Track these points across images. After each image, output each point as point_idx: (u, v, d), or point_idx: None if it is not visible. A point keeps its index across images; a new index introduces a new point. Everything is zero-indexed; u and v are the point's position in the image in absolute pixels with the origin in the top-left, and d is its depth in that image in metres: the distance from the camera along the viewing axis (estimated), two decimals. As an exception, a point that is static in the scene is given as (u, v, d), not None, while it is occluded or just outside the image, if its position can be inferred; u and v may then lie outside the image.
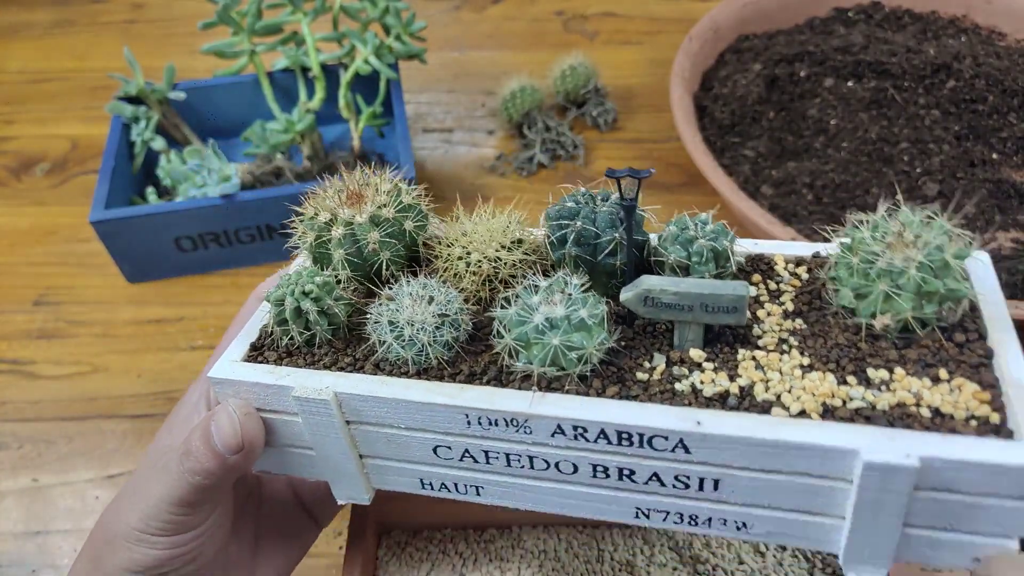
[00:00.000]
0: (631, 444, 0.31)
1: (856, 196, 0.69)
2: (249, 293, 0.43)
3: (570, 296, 0.32)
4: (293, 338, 0.35)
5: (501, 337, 0.32)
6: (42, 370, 0.64)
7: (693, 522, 0.33)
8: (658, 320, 0.34)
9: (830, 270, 0.35)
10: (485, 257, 0.36)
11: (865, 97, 0.74)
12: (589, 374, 0.32)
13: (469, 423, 0.32)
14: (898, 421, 0.29)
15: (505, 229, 0.37)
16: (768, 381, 0.32)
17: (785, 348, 0.33)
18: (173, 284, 0.69)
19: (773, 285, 0.37)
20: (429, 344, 0.33)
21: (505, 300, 0.33)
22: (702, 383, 0.32)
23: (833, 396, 0.31)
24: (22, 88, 0.91)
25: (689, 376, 0.32)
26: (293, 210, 0.39)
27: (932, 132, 0.71)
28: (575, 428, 0.31)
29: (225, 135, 0.77)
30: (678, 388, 0.32)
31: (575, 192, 0.36)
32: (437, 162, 0.80)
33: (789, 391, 0.31)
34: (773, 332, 0.34)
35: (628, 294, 0.33)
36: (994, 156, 0.71)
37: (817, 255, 0.38)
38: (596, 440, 0.31)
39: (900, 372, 0.31)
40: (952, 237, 0.33)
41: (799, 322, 0.34)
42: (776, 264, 0.38)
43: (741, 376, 0.32)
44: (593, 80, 0.83)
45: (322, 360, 0.35)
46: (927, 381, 0.31)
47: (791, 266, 0.38)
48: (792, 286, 0.36)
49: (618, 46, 0.94)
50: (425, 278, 0.35)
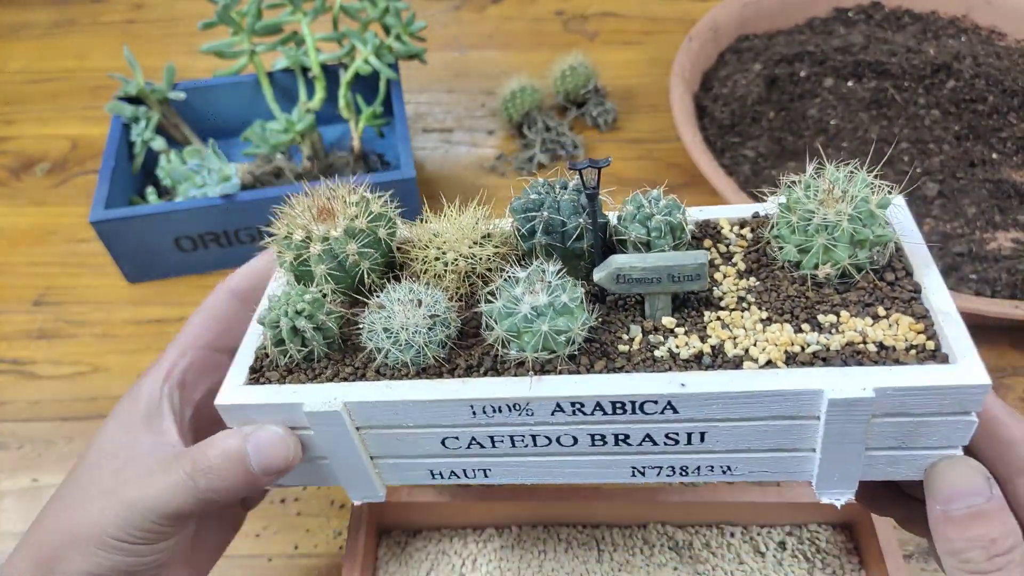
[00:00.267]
0: (625, 412, 0.34)
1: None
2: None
3: (549, 283, 0.34)
4: (292, 356, 0.36)
5: (491, 329, 0.34)
6: (42, 370, 0.64)
7: (684, 472, 0.36)
8: (629, 294, 0.36)
9: (772, 229, 0.38)
10: (460, 255, 0.37)
11: (865, 97, 0.74)
12: (576, 353, 0.35)
13: (475, 413, 0.34)
14: (851, 359, 0.33)
15: (474, 226, 0.38)
16: (735, 338, 0.35)
17: (744, 305, 0.36)
18: (173, 284, 0.69)
19: (723, 248, 0.40)
20: (425, 345, 0.35)
21: (490, 294, 0.35)
22: (677, 347, 0.35)
23: (792, 344, 0.34)
24: (22, 88, 0.91)
25: (665, 342, 0.35)
26: (265, 232, 0.39)
27: (932, 132, 0.72)
28: (573, 405, 0.34)
29: (225, 135, 0.77)
30: (657, 355, 0.35)
31: (534, 183, 0.38)
32: (437, 162, 0.80)
33: (755, 344, 0.34)
34: (732, 292, 0.37)
35: (601, 274, 0.35)
36: (994, 156, 0.71)
37: (756, 215, 0.41)
38: (592, 412, 0.34)
39: (845, 314, 0.35)
40: (874, 189, 0.36)
41: (752, 280, 0.38)
42: (722, 228, 0.41)
43: (711, 336, 0.35)
44: (593, 80, 0.83)
45: (324, 373, 0.36)
46: (869, 320, 0.35)
47: (736, 228, 0.41)
48: (740, 247, 0.39)
49: (618, 46, 0.94)
50: (409, 282, 0.36)
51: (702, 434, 0.34)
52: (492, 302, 0.35)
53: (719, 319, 0.36)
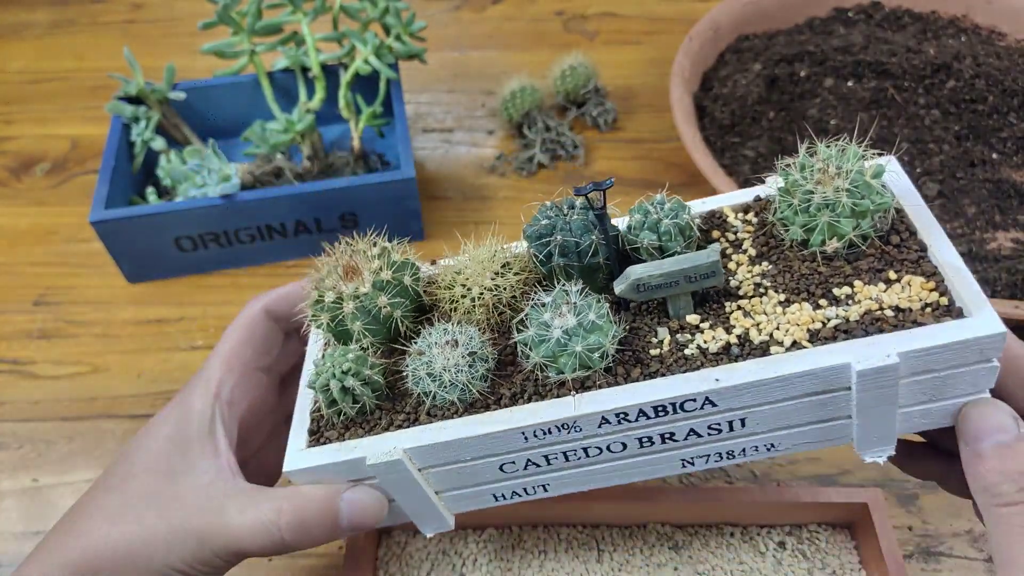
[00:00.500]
0: (667, 413, 0.35)
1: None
2: (248, 294, 0.43)
3: (575, 304, 0.36)
4: (345, 413, 0.38)
5: (527, 357, 0.36)
6: (42, 370, 0.64)
7: (731, 456, 0.38)
8: (649, 299, 0.38)
9: (776, 212, 0.39)
10: (485, 288, 0.39)
11: (865, 97, 0.74)
12: (612, 364, 0.36)
13: (526, 439, 0.36)
14: (871, 327, 0.34)
15: (492, 257, 0.40)
16: (758, 324, 0.36)
17: (762, 291, 0.37)
18: (173, 284, 0.69)
19: (732, 236, 0.41)
20: (469, 383, 0.37)
21: (520, 324, 0.37)
22: (705, 343, 0.36)
23: (813, 321, 0.35)
24: (22, 88, 0.91)
25: (693, 339, 0.36)
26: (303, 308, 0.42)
27: (932, 132, 0.72)
28: (617, 416, 0.35)
29: (225, 135, 0.77)
30: (687, 353, 0.36)
31: (543, 208, 0.39)
32: (437, 162, 0.80)
33: (778, 328, 0.36)
34: (747, 280, 0.38)
35: (622, 286, 0.37)
36: (994, 156, 0.71)
37: (758, 199, 0.42)
38: (637, 419, 0.35)
39: (859, 284, 0.36)
40: (866, 159, 0.37)
41: (765, 264, 0.39)
42: (727, 216, 0.42)
43: (735, 327, 0.36)
44: (593, 80, 0.83)
45: (379, 424, 0.38)
46: (882, 285, 0.36)
47: (740, 215, 0.42)
48: (747, 232, 0.40)
49: (618, 46, 0.94)
50: (442, 324, 0.38)
51: (742, 420, 0.36)
52: (524, 331, 0.36)
53: (740, 308, 0.37)
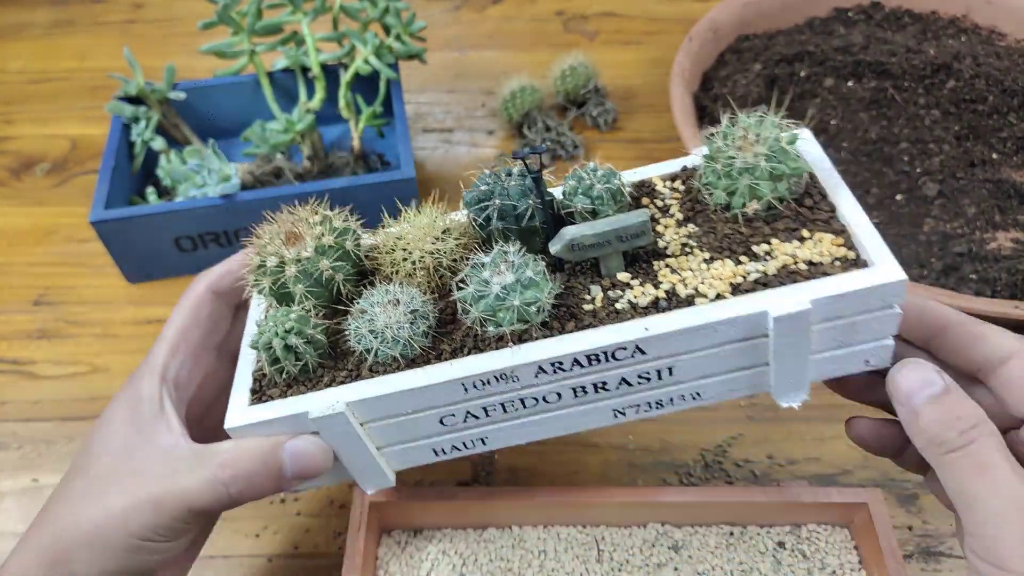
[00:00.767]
0: (600, 362, 0.37)
1: (856, 196, 0.69)
2: None
3: (513, 263, 0.37)
4: (288, 372, 0.39)
5: (467, 313, 0.38)
6: (42, 370, 0.64)
7: (659, 406, 0.40)
8: (584, 259, 0.40)
9: (701, 178, 0.42)
10: (426, 252, 0.41)
11: (865, 97, 0.74)
12: (548, 319, 0.38)
13: (466, 389, 0.38)
14: (787, 279, 0.37)
15: (432, 223, 0.41)
16: (684, 280, 0.39)
17: (688, 250, 0.40)
18: (173, 284, 0.69)
19: (660, 203, 0.43)
20: (410, 339, 0.38)
21: (460, 282, 0.38)
22: (635, 298, 0.38)
23: (735, 276, 0.38)
24: (22, 88, 0.91)
25: (624, 295, 0.39)
26: (247, 241, 0.43)
27: (932, 132, 0.71)
28: (553, 365, 0.37)
29: (225, 135, 0.77)
30: (619, 307, 0.38)
31: (481, 176, 0.41)
32: (437, 162, 0.80)
33: (702, 283, 0.38)
34: (675, 240, 0.41)
35: (557, 246, 0.39)
36: (994, 156, 0.71)
37: (685, 168, 0.45)
38: (572, 368, 0.37)
39: (776, 242, 0.39)
40: (783, 128, 0.40)
41: (691, 227, 0.41)
42: (656, 185, 0.44)
43: (663, 282, 0.39)
44: (593, 80, 0.83)
45: (322, 381, 0.39)
46: (796, 243, 0.39)
47: (668, 183, 0.44)
48: (675, 199, 0.43)
49: (618, 46, 0.94)
50: (383, 285, 0.40)
51: (670, 369, 0.38)
52: (464, 288, 0.38)
53: (668, 266, 0.40)
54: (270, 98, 0.73)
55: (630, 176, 0.44)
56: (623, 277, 0.40)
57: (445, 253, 0.41)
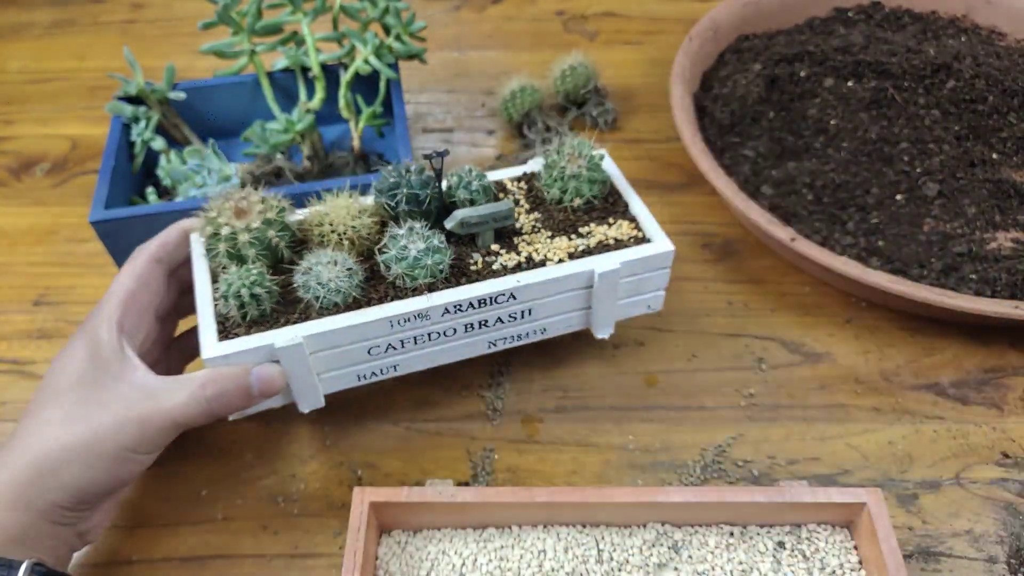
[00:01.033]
0: (486, 305, 0.52)
1: (856, 196, 0.69)
2: None
3: (422, 235, 0.50)
4: (250, 315, 0.49)
5: (389, 270, 0.51)
6: (42, 370, 0.64)
7: (520, 338, 0.56)
8: (468, 233, 0.54)
9: (541, 180, 0.58)
10: (349, 226, 0.52)
11: (865, 97, 0.74)
12: (448, 275, 0.52)
13: (392, 326, 0.50)
14: (603, 249, 0.54)
15: (349, 205, 0.53)
16: (536, 250, 0.54)
17: (536, 230, 0.56)
18: (173, 284, 0.69)
19: (512, 197, 0.59)
20: (349, 289, 0.50)
21: (380, 248, 0.51)
22: (504, 262, 0.54)
23: (570, 247, 0.55)
24: (22, 88, 0.91)
25: (496, 260, 0.54)
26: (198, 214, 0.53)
27: (932, 132, 0.71)
28: (455, 306, 0.51)
29: (225, 135, 0.77)
30: (495, 267, 0.53)
31: (386, 170, 0.53)
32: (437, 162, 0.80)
33: (549, 252, 0.54)
34: (527, 223, 0.57)
35: (451, 223, 0.53)
36: (994, 156, 0.71)
37: (525, 173, 0.61)
38: (467, 309, 0.52)
39: (593, 226, 0.56)
40: (594, 149, 0.58)
41: (536, 214, 0.57)
42: (507, 185, 0.60)
43: (522, 251, 0.54)
44: (593, 80, 0.83)
45: (278, 322, 0.49)
46: (606, 226, 0.56)
47: (516, 183, 0.60)
48: (521, 195, 0.59)
49: (618, 46, 0.94)
50: (320, 250, 0.51)
51: (530, 310, 0.54)
52: (386, 252, 0.51)
53: (524, 240, 0.55)
54: (270, 98, 0.73)
55: (491, 175, 0.58)
56: (495, 248, 0.55)
57: (363, 228, 0.52)
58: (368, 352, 0.51)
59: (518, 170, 0.61)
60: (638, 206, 0.57)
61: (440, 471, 0.56)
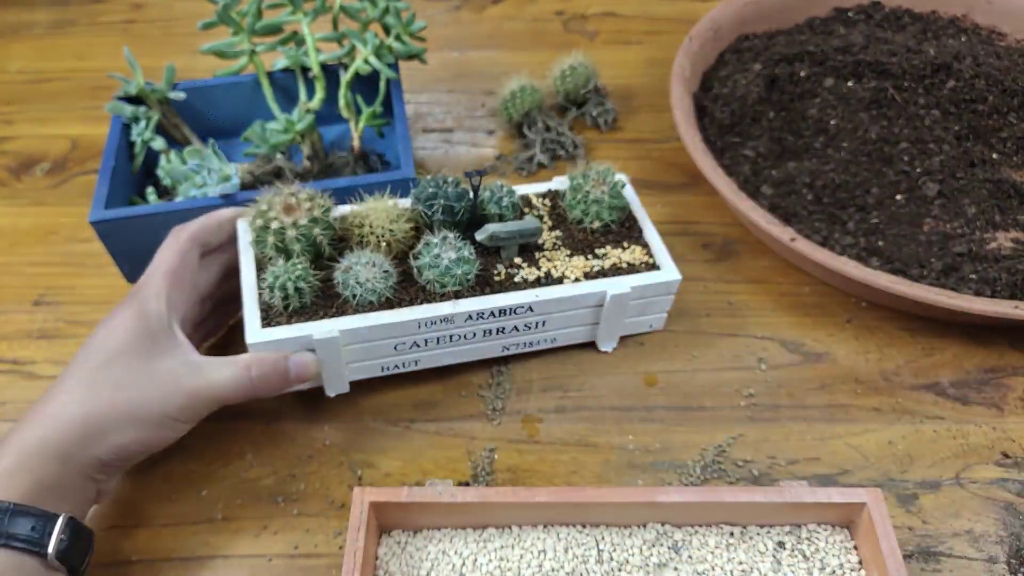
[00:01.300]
0: (505, 314, 0.56)
1: (856, 196, 0.69)
2: None
3: (454, 244, 0.54)
4: (292, 306, 0.53)
5: (421, 275, 0.55)
6: (42, 370, 0.64)
7: (531, 345, 0.61)
8: (494, 246, 0.58)
9: (565, 200, 0.62)
10: (387, 230, 0.56)
11: (865, 97, 0.74)
12: (474, 284, 0.56)
13: (419, 327, 0.55)
14: (616, 272, 0.58)
15: (388, 209, 0.56)
16: (555, 267, 0.58)
17: (557, 247, 0.60)
18: (173, 284, 0.69)
19: (536, 213, 0.63)
20: (383, 289, 0.54)
21: (415, 254, 0.55)
22: (526, 275, 0.58)
23: (586, 267, 0.58)
24: (22, 88, 0.91)
25: (519, 273, 0.58)
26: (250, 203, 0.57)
27: (932, 132, 0.71)
28: (478, 314, 0.55)
29: (225, 135, 0.77)
30: (516, 280, 0.57)
31: (426, 180, 0.57)
32: (437, 162, 0.80)
33: (567, 269, 0.58)
34: (548, 240, 0.60)
35: (482, 236, 0.57)
36: (994, 156, 0.71)
37: (550, 190, 0.65)
38: (488, 317, 0.56)
39: (609, 248, 0.60)
40: (616, 175, 0.61)
41: (558, 232, 0.61)
42: (533, 200, 0.64)
43: (542, 267, 0.58)
44: (593, 80, 0.83)
45: (318, 314, 0.54)
46: (621, 250, 0.60)
47: (541, 200, 0.64)
48: (545, 212, 0.63)
49: (618, 46, 0.94)
50: (359, 250, 0.55)
51: (544, 321, 0.58)
52: (420, 259, 0.55)
53: (545, 256, 0.59)
54: (270, 98, 0.73)
55: (516, 191, 0.62)
56: (518, 261, 0.59)
57: (401, 231, 0.57)
58: (394, 348, 0.56)
59: (543, 186, 0.65)
60: (651, 233, 0.61)
61: (440, 471, 0.56)
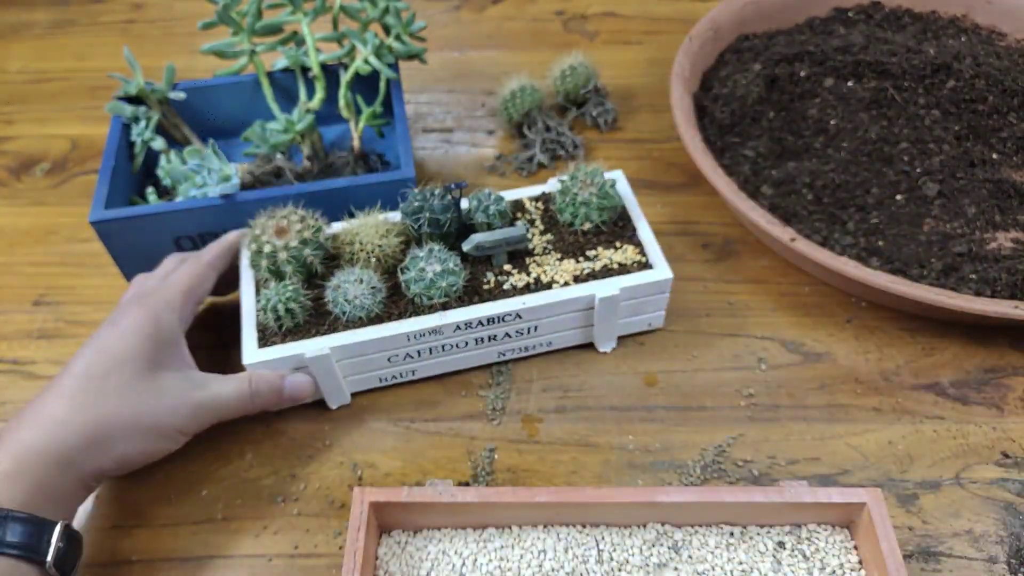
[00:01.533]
0: (494, 323, 0.57)
1: (856, 196, 0.69)
2: None
3: (440, 257, 0.55)
4: (286, 326, 0.56)
5: (408, 289, 0.56)
6: (42, 370, 0.64)
7: (525, 350, 0.61)
8: (483, 255, 0.59)
9: (556, 203, 0.62)
10: (376, 245, 0.58)
11: (865, 97, 0.74)
12: (462, 295, 0.57)
13: (409, 339, 0.56)
14: (606, 274, 0.58)
15: (378, 225, 0.58)
16: (545, 271, 0.59)
17: (547, 251, 0.60)
18: (173, 284, 0.69)
19: (529, 217, 0.63)
20: (372, 306, 0.55)
21: (403, 268, 0.56)
22: (515, 282, 0.58)
23: (576, 270, 0.59)
24: (22, 88, 0.91)
25: (508, 280, 0.58)
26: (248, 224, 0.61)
27: (932, 132, 0.71)
28: (466, 324, 0.56)
29: (225, 135, 0.77)
30: (505, 287, 0.58)
31: (413, 193, 0.58)
32: (437, 162, 0.80)
33: (557, 273, 0.58)
34: (539, 244, 0.61)
35: (468, 246, 0.58)
36: (994, 156, 0.71)
37: (544, 193, 0.65)
38: (476, 326, 0.57)
39: (600, 250, 0.60)
40: (605, 175, 0.61)
41: (549, 235, 0.61)
42: (525, 204, 0.64)
43: (532, 272, 0.59)
44: (593, 80, 0.83)
45: (309, 333, 0.56)
46: (612, 251, 0.60)
47: (534, 203, 0.64)
48: (538, 215, 0.63)
49: (618, 46, 0.94)
50: (349, 268, 0.57)
51: (536, 327, 0.58)
52: (407, 273, 0.56)
53: (534, 261, 0.60)
54: (270, 98, 0.73)
55: (509, 195, 0.63)
56: (507, 268, 0.59)
57: (389, 247, 0.58)
58: (388, 360, 0.57)
59: (537, 189, 0.65)
60: (645, 231, 0.61)
61: (440, 471, 0.56)
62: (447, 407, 0.60)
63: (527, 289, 0.57)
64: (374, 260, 0.58)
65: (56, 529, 0.44)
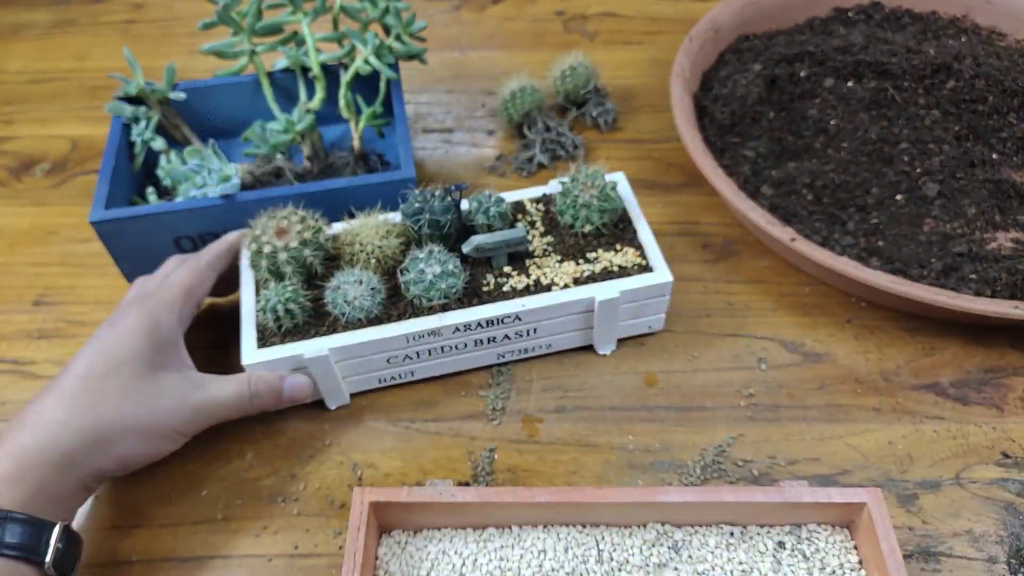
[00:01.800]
0: (494, 324, 0.57)
1: (856, 196, 0.69)
2: None
3: (439, 259, 0.55)
4: (285, 327, 0.55)
5: (408, 290, 0.55)
6: (42, 370, 0.64)
7: (525, 352, 0.61)
8: (483, 257, 0.58)
9: (556, 205, 0.61)
10: (376, 246, 0.58)
11: (865, 97, 0.74)
12: (461, 296, 0.57)
13: (408, 340, 0.56)
14: (606, 276, 0.58)
15: (378, 225, 0.58)
16: (545, 273, 0.59)
17: (547, 253, 0.60)
18: (173, 284, 0.69)
19: (530, 219, 0.63)
20: (371, 306, 0.55)
21: (402, 269, 0.56)
22: (515, 284, 0.58)
23: (576, 272, 0.58)
24: (22, 88, 0.91)
25: (508, 282, 0.58)
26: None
27: (932, 132, 0.71)
28: (465, 326, 0.56)
29: (225, 135, 0.77)
30: (505, 289, 0.58)
31: (414, 195, 0.58)
32: (437, 162, 0.80)
33: (556, 276, 0.58)
34: (539, 246, 0.61)
35: (468, 248, 0.58)
36: (994, 156, 0.71)
37: (545, 195, 0.64)
38: (476, 328, 0.57)
39: (600, 252, 0.60)
40: (606, 176, 0.61)
41: (549, 237, 0.61)
42: (527, 205, 0.64)
43: (532, 274, 0.59)
44: (593, 80, 0.83)
45: (309, 333, 0.56)
46: (613, 253, 0.60)
47: (535, 204, 0.64)
48: (538, 217, 0.63)
49: (618, 46, 0.94)
50: (349, 268, 0.56)
51: (535, 329, 0.58)
52: (407, 274, 0.55)
53: (535, 263, 0.59)
54: (270, 98, 0.73)
55: (510, 196, 0.63)
56: (507, 270, 0.59)
57: (389, 248, 0.58)
58: (387, 361, 0.57)
59: (538, 190, 0.65)
60: (645, 234, 0.60)
61: (440, 471, 0.56)
62: (447, 407, 0.60)
63: (527, 291, 0.57)
64: (374, 261, 0.58)
65: (55, 530, 0.44)
